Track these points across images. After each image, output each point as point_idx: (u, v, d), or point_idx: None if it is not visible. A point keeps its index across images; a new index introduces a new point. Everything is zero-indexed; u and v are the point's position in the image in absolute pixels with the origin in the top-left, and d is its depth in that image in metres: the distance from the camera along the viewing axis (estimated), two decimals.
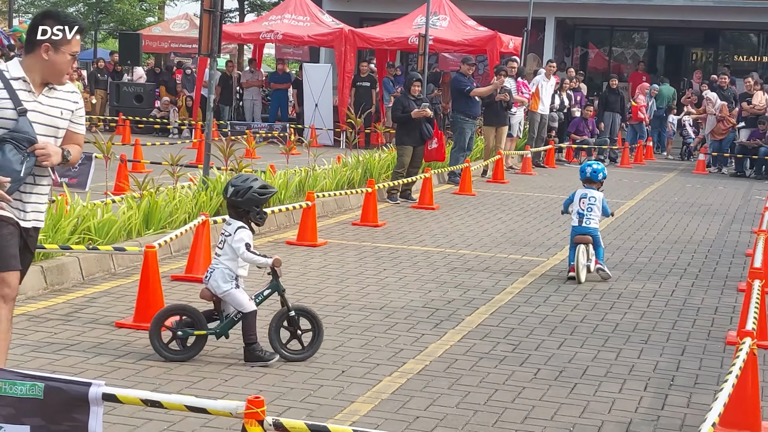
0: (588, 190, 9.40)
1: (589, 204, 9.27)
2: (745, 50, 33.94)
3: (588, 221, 9.24)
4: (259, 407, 3.59)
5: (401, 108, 14.00)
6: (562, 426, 5.31)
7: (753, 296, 6.34)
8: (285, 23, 24.24)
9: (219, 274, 6.22)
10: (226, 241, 6.25)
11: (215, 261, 6.30)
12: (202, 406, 3.72)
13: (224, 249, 6.25)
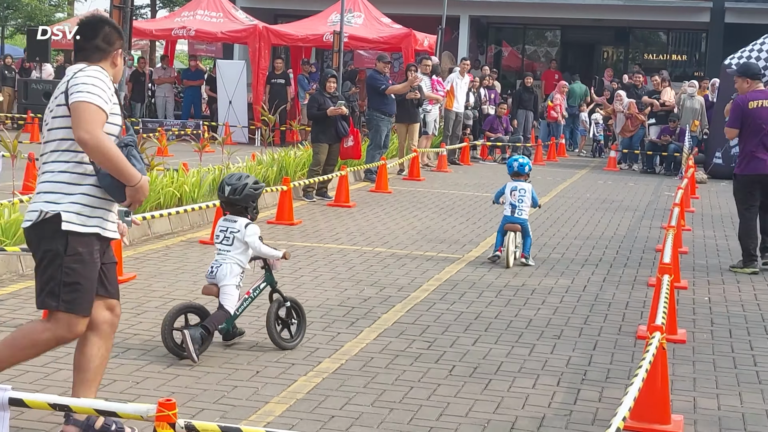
0: (518, 182, 10.09)
1: (520, 196, 9.98)
2: (654, 48, 34.65)
3: (520, 212, 9.94)
4: (171, 410, 3.53)
5: (317, 105, 13.95)
6: (477, 422, 5.34)
7: (662, 291, 6.44)
8: (198, 19, 23.98)
9: (228, 268, 6.47)
10: (235, 237, 6.53)
11: (222, 256, 6.52)
12: (112, 410, 3.65)
13: (234, 244, 6.52)
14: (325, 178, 13.89)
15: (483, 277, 9.16)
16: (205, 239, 10.31)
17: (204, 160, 14.24)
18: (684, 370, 6.49)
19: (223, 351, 6.43)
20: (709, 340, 7.32)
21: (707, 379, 6.30)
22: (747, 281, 9.63)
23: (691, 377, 6.34)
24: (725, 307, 8.46)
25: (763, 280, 9.74)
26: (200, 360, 6.14)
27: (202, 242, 10.24)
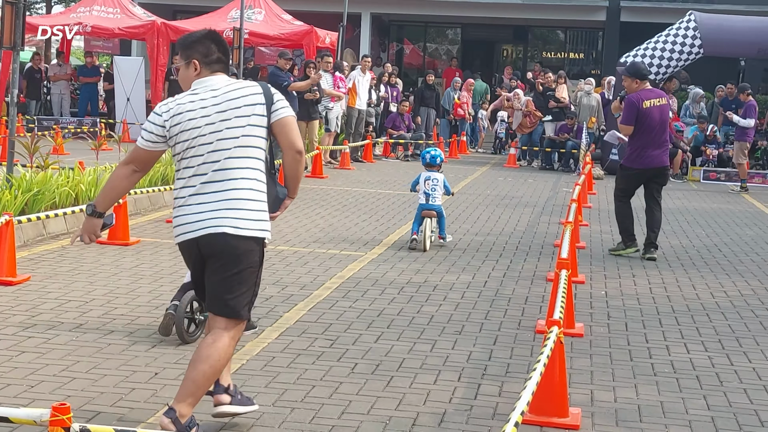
0: (431, 172, 11.01)
1: (433, 185, 10.89)
2: (553, 47, 35.23)
3: (433, 199, 10.82)
4: (65, 414, 3.46)
5: None
6: (379, 419, 5.34)
7: (560, 286, 6.55)
8: (94, 15, 23.51)
9: None
10: None
11: None
12: (4, 415, 3.56)
13: None
14: None
15: (385, 275, 9.19)
16: (102, 239, 10.10)
17: (101, 159, 13.99)
18: (581, 363, 6.60)
19: (121, 353, 6.32)
20: (605, 333, 7.46)
21: (604, 372, 6.42)
22: (642, 275, 9.85)
23: (588, 370, 6.45)
24: (621, 300, 8.64)
25: (657, 273, 9.98)
26: (99, 362, 6.03)
27: (99, 242, 10.04)
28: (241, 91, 4.85)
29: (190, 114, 4.81)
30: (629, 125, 10.79)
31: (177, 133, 4.81)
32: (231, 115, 4.79)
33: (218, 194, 4.74)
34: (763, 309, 8.54)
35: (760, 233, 13.23)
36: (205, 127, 4.79)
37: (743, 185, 19.07)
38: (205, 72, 4.92)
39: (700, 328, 7.73)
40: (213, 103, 4.82)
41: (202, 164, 4.78)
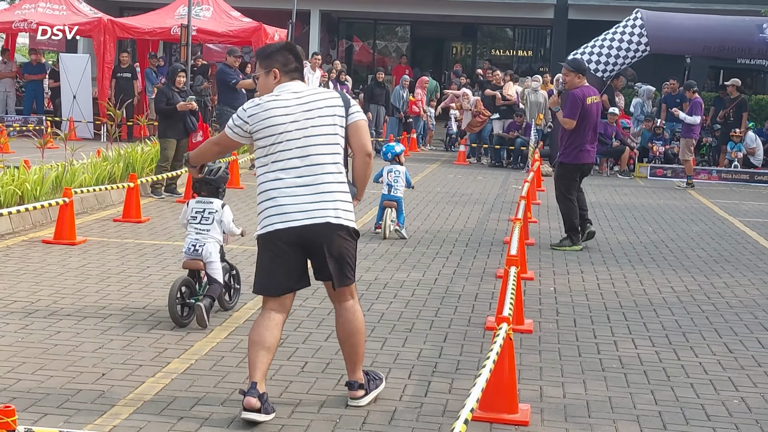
0: (393, 165, 11.66)
1: (395, 176, 11.48)
2: (501, 44, 35.41)
3: (395, 191, 11.37)
4: (10, 416, 3.41)
5: (165, 100, 13.66)
6: (329, 418, 5.33)
7: (509, 282, 6.58)
8: (39, 12, 23.17)
9: (213, 247, 7.25)
10: (213, 217, 7.30)
11: (203, 235, 7.25)
12: None
13: (213, 224, 7.29)
14: (174, 174, 13.64)
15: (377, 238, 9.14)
16: (48, 238, 9.97)
17: (47, 157, 13.81)
18: (531, 359, 6.64)
19: (67, 353, 6.24)
20: (554, 329, 7.51)
21: (553, 368, 6.46)
22: (590, 271, 9.93)
23: (537, 366, 6.49)
24: (570, 296, 8.70)
25: (605, 269, 10.07)
26: (45, 363, 5.95)
27: (45, 242, 9.91)
28: (323, 95, 5.49)
29: (274, 112, 5.34)
30: (573, 120, 10.94)
31: (260, 129, 5.35)
32: (315, 115, 5.37)
33: (314, 187, 5.33)
34: (709, 304, 8.66)
35: (706, 229, 13.40)
36: (290, 125, 5.33)
37: (689, 181, 19.30)
38: (284, 79, 5.51)
39: (648, 324, 7.82)
40: (297, 104, 5.38)
41: (291, 159, 5.33)
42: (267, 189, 5.40)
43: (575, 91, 10.99)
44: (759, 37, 20.38)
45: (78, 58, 24.08)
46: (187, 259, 7.28)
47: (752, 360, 6.91)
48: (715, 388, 6.20)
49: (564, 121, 11.10)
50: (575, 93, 10.98)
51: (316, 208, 5.30)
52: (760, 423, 5.60)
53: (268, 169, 5.39)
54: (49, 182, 11.73)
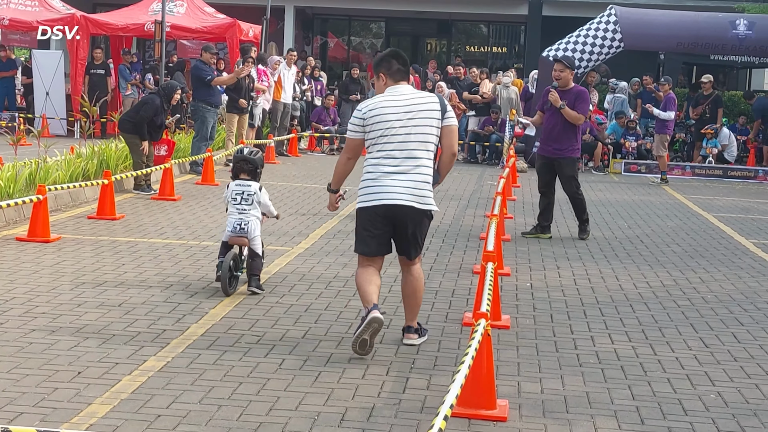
0: None
1: None
2: (476, 41, 35.43)
3: None
4: None
5: (152, 115, 13.56)
6: (307, 415, 5.31)
7: (487, 278, 6.57)
8: (11, 8, 22.97)
9: (255, 224, 8.09)
10: (253, 198, 8.08)
11: (245, 214, 8.05)
12: None
13: (253, 204, 8.09)
14: (147, 171, 13.56)
15: (312, 269, 9.14)
16: (22, 236, 9.88)
17: (20, 154, 13.70)
18: (508, 355, 6.65)
19: (42, 352, 6.18)
20: (531, 325, 7.52)
21: (530, 364, 6.47)
22: (566, 267, 9.96)
23: (515, 362, 6.49)
24: (546, 292, 8.72)
25: (581, 265, 10.10)
26: (20, 362, 5.90)
27: (18, 239, 9.82)
28: (424, 98, 6.63)
29: (384, 111, 6.52)
30: (586, 116, 11.75)
31: (372, 124, 6.52)
32: (416, 116, 6.52)
33: (407, 176, 6.51)
34: (685, 299, 8.70)
35: (680, 224, 13.47)
36: (395, 122, 6.49)
37: (663, 177, 19.41)
38: (390, 81, 6.66)
39: (624, 319, 7.84)
40: (401, 105, 6.53)
41: (393, 150, 6.50)
42: (371, 172, 6.56)
43: (583, 88, 11.67)
44: (732, 34, 20.53)
45: (51, 54, 23.91)
46: (233, 236, 8.04)
47: (728, 354, 6.95)
48: (692, 383, 6.23)
49: (579, 117, 11.43)
50: (586, 91, 11.68)
51: (408, 194, 6.51)
52: (737, 417, 5.63)
53: (374, 156, 6.57)
54: (22, 179, 11.64)
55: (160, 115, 13.67)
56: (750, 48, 20.92)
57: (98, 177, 12.83)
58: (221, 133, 18.60)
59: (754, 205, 16.23)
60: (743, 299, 8.81)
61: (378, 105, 6.56)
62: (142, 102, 14.15)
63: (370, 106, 6.59)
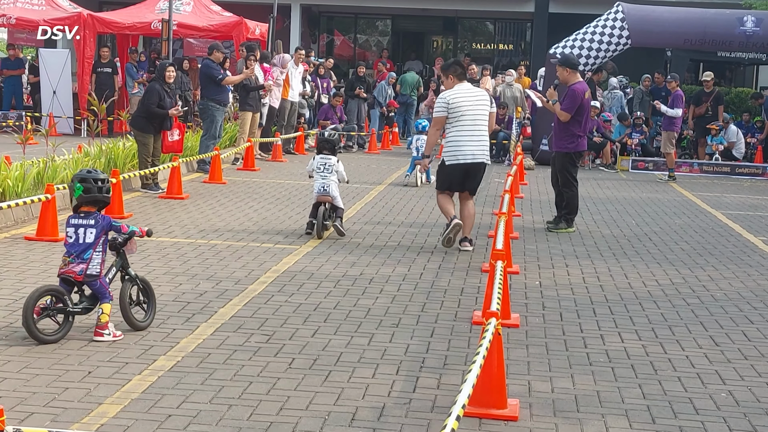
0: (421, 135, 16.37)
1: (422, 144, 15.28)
2: (482, 38, 35.38)
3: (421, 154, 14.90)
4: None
5: (157, 100, 13.53)
6: (318, 415, 5.30)
7: (496, 277, 6.56)
8: (18, 7, 23.02)
9: (335, 186, 10.80)
10: (332, 168, 10.81)
11: (327, 179, 10.73)
12: None
13: (332, 172, 10.79)
14: (155, 170, 13.56)
15: (321, 268, 9.14)
16: (31, 235, 9.89)
17: (28, 153, 13.71)
18: (518, 354, 6.64)
19: (52, 351, 6.19)
20: (541, 323, 7.51)
21: (540, 363, 6.46)
22: (575, 265, 9.94)
23: (525, 361, 6.48)
24: (555, 290, 8.70)
25: (590, 263, 10.08)
26: (30, 362, 5.91)
27: (27, 238, 9.83)
28: (479, 93, 10.49)
29: (459, 100, 10.24)
30: (570, 113, 11.80)
31: (453, 108, 10.22)
32: (478, 104, 10.32)
33: (478, 142, 10.26)
34: (694, 297, 8.68)
35: (688, 222, 13.44)
36: (466, 107, 10.22)
37: (671, 174, 19.36)
38: (456, 81, 10.35)
39: (634, 317, 7.83)
40: (468, 96, 10.29)
41: (465, 125, 10.22)
42: (453, 140, 10.33)
43: (576, 86, 11.85)
44: (739, 30, 20.46)
45: (57, 53, 23.93)
46: (319, 196, 10.64)
47: (738, 353, 6.93)
48: (703, 382, 6.21)
49: (561, 114, 11.89)
50: (576, 88, 11.85)
51: (478, 153, 10.33)
52: (748, 416, 5.62)
53: (455, 129, 10.29)
54: (30, 178, 11.65)
55: (164, 98, 13.62)
56: (757, 45, 20.85)
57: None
58: (228, 131, 18.60)
59: (762, 203, 16.19)
60: (753, 297, 8.79)
61: (456, 95, 10.24)
62: (144, 94, 14.13)
63: (452, 96, 10.23)
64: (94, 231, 6.58)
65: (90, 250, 6.55)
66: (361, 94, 23.56)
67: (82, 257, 6.54)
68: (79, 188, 6.59)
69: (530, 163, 19.81)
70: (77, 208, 6.67)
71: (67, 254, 6.60)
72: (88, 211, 6.64)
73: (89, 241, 6.56)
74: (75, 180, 6.63)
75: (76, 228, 6.60)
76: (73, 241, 6.59)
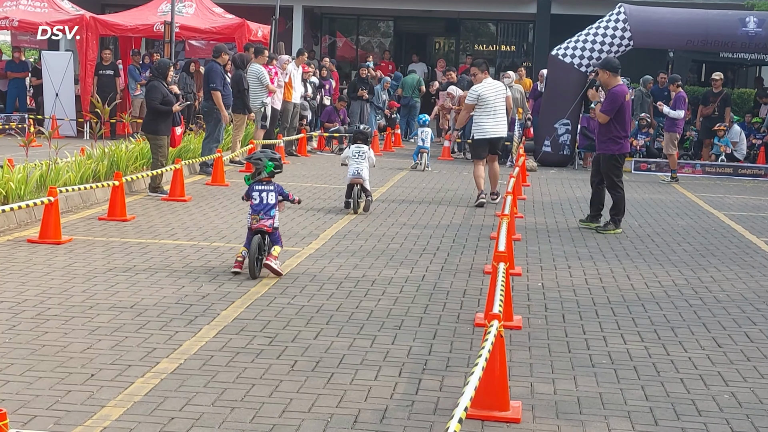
0: (424, 128, 19.52)
1: (425, 135, 19.36)
2: (484, 39, 35.36)
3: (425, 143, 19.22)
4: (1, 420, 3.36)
5: (161, 97, 13.51)
6: (320, 417, 5.31)
7: (498, 279, 6.56)
8: (21, 9, 23.04)
9: (366, 171, 12.79)
10: (365, 155, 12.86)
11: (360, 165, 12.74)
12: None
13: (365, 159, 12.82)
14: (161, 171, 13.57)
15: (323, 270, 9.14)
16: (34, 238, 9.91)
17: (30, 156, 13.73)
18: (521, 355, 6.64)
19: (55, 354, 6.20)
20: (543, 325, 7.51)
21: (543, 364, 6.46)
22: (577, 266, 9.94)
23: (527, 363, 6.48)
24: (558, 292, 8.70)
25: (592, 264, 10.08)
26: (33, 365, 5.91)
27: (30, 241, 9.84)
28: (499, 85, 14.41)
29: (487, 90, 13.94)
30: (609, 116, 12.14)
31: (482, 97, 13.90)
32: (498, 93, 14.08)
33: (496, 122, 14.04)
34: (697, 298, 8.68)
35: (691, 223, 13.44)
36: (490, 96, 13.93)
37: (673, 175, 19.36)
38: (483, 76, 14.06)
39: (636, 319, 7.83)
40: (491, 88, 14.02)
41: (489, 110, 13.93)
42: (480, 122, 14.02)
43: (616, 89, 12.10)
44: (741, 31, 20.46)
45: (60, 55, 23.95)
46: (353, 178, 12.69)
47: (741, 354, 6.93)
48: (705, 383, 6.21)
49: (600, 116, 12.25)
50: (616, 91, 12.11)
51: (496, 130, 14.05)
52: (751, 418, 5.62)
53: (481, 113, 13.97)
54: (33, 181, 11.67)
55: (168, 97, 13.61)
56: (760, 45, 20.85)
57: (109, 178, 12.86)
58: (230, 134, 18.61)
59: (765, 203, 16.18)
60: (756, 298, 8.79)
61: (484, 87, 14.00)
62: (146, 92, 13.96)
63: (482, 88, 13.99)
64: (273, 194, 8.85)
65: (274, 209, 8.81)
66: (364, 95, 23.57)
67: (269, 214, 8.78)
68: (270, 165, 8.94)
69: (532, 164, 19.80)
70: (254, 177, 8.93)
71: (254, 213, 8.76)
72: (267, 180, 8.92)
73: (272, 202, 8.82)
74: (266, 158, 8.96)
75: (260, 192, 8.83)
76: (258, 203, 8.78)
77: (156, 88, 13.55)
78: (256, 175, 8.93)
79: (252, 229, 8.71)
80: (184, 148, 16.39)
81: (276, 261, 8.65)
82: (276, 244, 8.83)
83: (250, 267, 8.56)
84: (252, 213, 8.75)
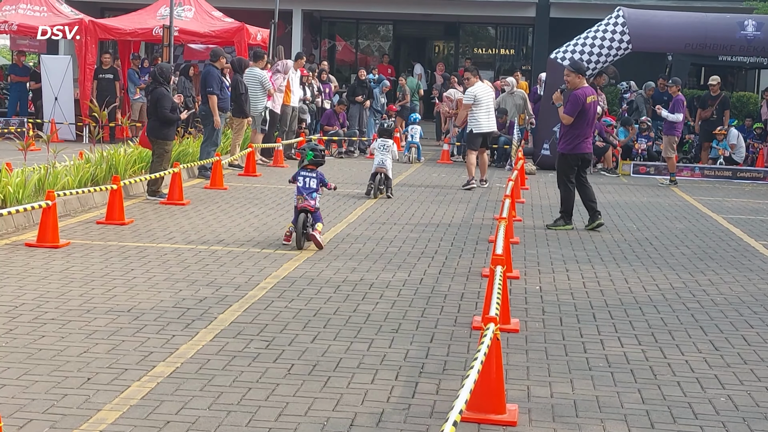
0: (414, 126, 21.31)
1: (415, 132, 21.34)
2: (483, 43, 35.38)
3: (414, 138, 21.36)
4: None
5: (170, 106, 13.49)
6: (316, 421, 5.30)
7: (496, 282, 6.56)
8: (20, 13, 23.07)
9: (389, 162, 14.87)
10: (389, 148, 14.97)
11: (384, 156, 14.83)
12: None
13: (389, 151, 14.92)
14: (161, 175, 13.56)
15: (321, 273, 9.14)
16: (32, 241, 9.91)
17: (29, 159, 13.73)
18: (517, 359, 6.63)
19: (52, 358, 6.19)
20: (541, 328, 7.51)
21: (540, 368, 6.46)
22: (575, 269, 9.94)
23: (524, 366, 6.48)
24: (555, 295, 8.70)
25: (590, 268, 10.08)
26: (29, 368, 5.91)
27: (28, 245, 9.84)
28: (489, 87, 17.25)
29: (482, 92, 16.66)
30: (571, 117, 12.35)
31: (479, 98, 16.48)
32: (490, 94, 16.94)
33: (489, 118, 16.76)
34: (694, 302, 8.68)
35: (689, 226, 13.43)
36: (486, 97, 16.68)
37: (672, 179, 19.35)
38: (477, 79, 16.71)
39: (634, 322, 7.82)
40: (485, 90, 16.76)
41: (486, 109, 16.63)
42: (476, 118, 16.48)
43: (577, 91, 12.41)
44: (740, 34, 20.47)
45: (59, 59, 23.96)
46: (377, 167, 14.65)
47: (738, 358, 6.93)
48: (702, 387, 6.21)
49: (563, 117, 12.54)
50: (577, 93, 12.41)
51: (491, 124, 16.77)
52: (747, 421, 5.61)
53: (478, 110, 16.43)
54: (31, 185, 11.67)
55: (173, 101, 13.67)
56: (758, 49, 20.85)
57: (107, 182, 12.85)
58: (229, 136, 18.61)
59: (763, 207, 16.18)
60: (753, 302, 8.79)
61: (480, 89, 16.44)
62: (154, 100, 13.68)
63: (479, 90, 16.45)
64: (315, 180, 10.35)
65: (315, 192, 10.31)
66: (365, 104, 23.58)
67: (312, 196, 10.26)
68: (310, 154, 10.47)
69: (531, 167, 19.80)
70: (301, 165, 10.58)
71: (299, 194, 10.27)
72: (312, 168, 10.45)
73: (314, 186, 10.33)
74: (307, 149, 10.57)
75: (304, 177, 10.34)
76: (302, 185, 10.27)
77: (166, 96, 13.48)
78: (301, 163, 10.53)
79: (298, 208, 10.19)
80: (182, 151, 16.40)
81: (320, 234, 10.20)
82: (318, 221, 10.37)
83: (297, 239, 10.18)
84: (297, 194, 10.26)
